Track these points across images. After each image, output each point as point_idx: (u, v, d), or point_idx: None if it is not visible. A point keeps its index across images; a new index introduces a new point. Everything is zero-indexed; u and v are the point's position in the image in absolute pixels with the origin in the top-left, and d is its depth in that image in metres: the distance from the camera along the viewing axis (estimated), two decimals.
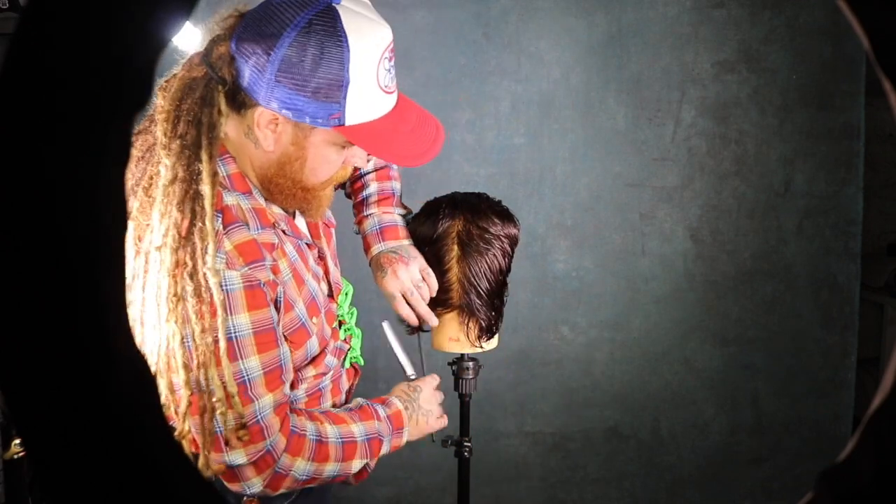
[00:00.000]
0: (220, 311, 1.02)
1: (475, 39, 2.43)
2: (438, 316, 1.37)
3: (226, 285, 1.03)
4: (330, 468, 1.19)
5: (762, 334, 2.61)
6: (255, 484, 1.11)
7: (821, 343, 2.63)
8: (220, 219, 1.05)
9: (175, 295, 0.99)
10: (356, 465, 1.23)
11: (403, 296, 1.31)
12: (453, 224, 1.33)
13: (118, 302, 0.34)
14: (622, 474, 2.64)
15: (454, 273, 1.34)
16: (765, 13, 2.48)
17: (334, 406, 1.32)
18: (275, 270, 1.10)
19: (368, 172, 1.44)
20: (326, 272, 1.30)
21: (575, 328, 2.57)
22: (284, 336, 1.14)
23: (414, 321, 1.34)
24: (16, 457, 1.89)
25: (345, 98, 1.04)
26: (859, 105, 2.53)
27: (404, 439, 1.31)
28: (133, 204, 1.05)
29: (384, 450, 1.28)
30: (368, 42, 1.03)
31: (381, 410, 1.28)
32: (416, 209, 1.42)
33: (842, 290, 2.61)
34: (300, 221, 1.26)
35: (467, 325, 1.36)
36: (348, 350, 1.37)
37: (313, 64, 1.01)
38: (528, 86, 2.47)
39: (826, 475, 0.34)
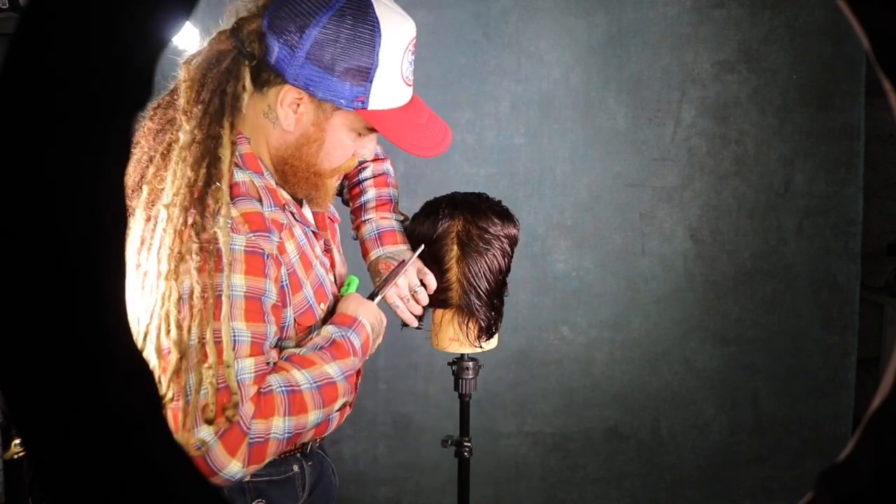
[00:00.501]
0: (225, 271, 1.00)
1: (475, 39, 2.43)
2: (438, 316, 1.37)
3: (230, 245, 1.02)
4: (312, 417, 1.10)
5: (762, 334, 2.61)
6: (233, 468, 1.00)
7: (821, 343, 2.63)
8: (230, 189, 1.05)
9: (179, 253, 0.97)
10: (338, 405, 1.16)
11: (402, 299, 1.31)
12: (453, 224, 1.33)
13: (118, 302, 0.34)
14: (622, 474, 2.64)
15: (454, 273, 1.34)
16: (765, 13, 2.48)
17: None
18: (281, 250, 1.10)
19: (366, 179, 1.44)
20: (333, 264, 1.30)
21: (575, 328, 2.57)
22: (294, 317, 1.13)
23: (414, 323, 1.35)
24: (16, 457, 1.89)
25: (371, 82, 1.06)
26: (859, 105, 2.53)
27: (373, 347, 1.26)
28: (149, 170, 1.05)
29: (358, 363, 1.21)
30: (398, 31, 1.07)
31: (354, 340, 1.19)
32: (416, 209, 1.42)
33: (842, 290, 2.61)
34: (306, 210, 1.26)
35: (467, 325, 1.36)
36: None
37: (346, 45, 1.04)
38: (528, 86, 2.46)
39: (826, 475, 0.34)
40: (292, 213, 1.17)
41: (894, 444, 0.31)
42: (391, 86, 1.09)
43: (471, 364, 1.46)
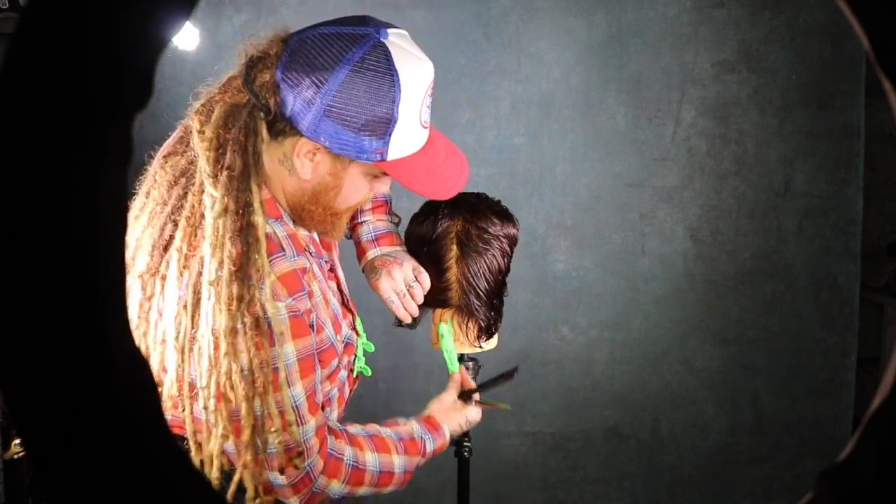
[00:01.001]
0: (277, 342, 1.03)
1: (475, 39, 2.43)
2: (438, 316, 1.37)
3: (277, 316, 1.04)
4: (363, 490, 1.23)
5: (762, 334, 2.61)
6: (292, 502, 1.15)
7: (821, 343, 2.63)
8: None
9: (233, 329, 0.99)
10: (390, 489, 1.27)
11: (397, 295, 1.32)
12: (452, 224, 1.33)
13: (118, 302, 0.34)
14: (622, 474, 2.64)
15: (453, 273, 1.34)
16: (765, 13, 2.48)
17: (340, 414, 1.33)
18: (310, 295, 1.11)
19: None
20: (338, 282, 1.31)
21: (575, 328, 2.57)
22: (317, 355, 1.15)
23: (407, 319, 1.35)
24: (16, 457, 1.89)
25: (390, 135, 1.05)
26: (859, 105, 2.52)
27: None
28: (176, 234, 1.05)
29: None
30: (416, 80, 1.05)
31: (428, 445, 1.30)
32: (416, 209, 1.42)
33: (842, 290, 2.61)
34: (316, 234, 1.27)
35: (466, 324, 1.36)
36: (355, 360, 1.37)
37: (366, 101, 1.01)
38: (528, 86, 2.46)
39: (826, 475, 0.34)
40: (310, 252, 1.17)
41: (894, 444, 0.31)
42: (410, 135, 1.08)
43: (471, 364, 1.45)
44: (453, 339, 1.38)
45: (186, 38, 2.21)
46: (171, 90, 2.08)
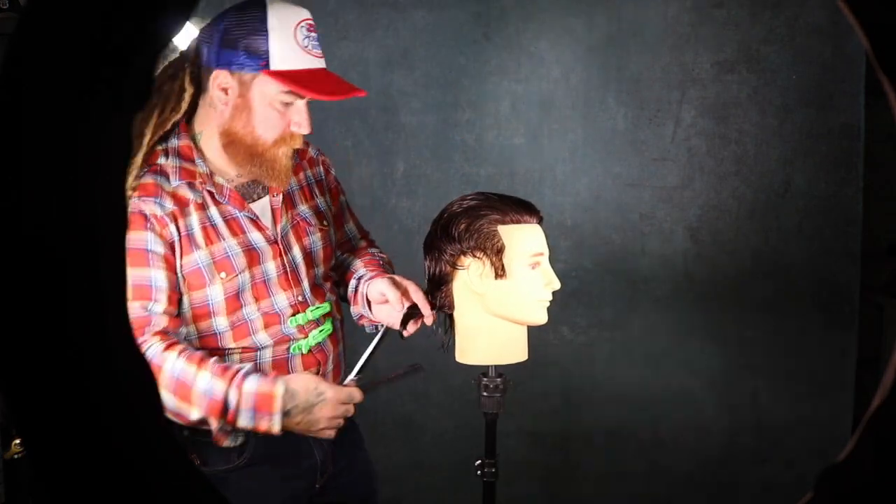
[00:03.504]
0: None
1: (475, 39, 2.43)
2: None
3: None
4: (164, 394, 1.27)
5: (762, 334, 2.61)
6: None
7: (821, 343, 2.63)
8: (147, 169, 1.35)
9: None
10: (192, 412, 1.27)
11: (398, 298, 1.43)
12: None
13: (118, 303, 0.34)
14: (622, 474, 2.64)
15: None
16: (765, 13, 2.48)
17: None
18: (176, 216, 1.33)
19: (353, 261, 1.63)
20: (280, 254, 1.43)
21: (575, 328, 2.57)
22: (182, 275, 1.33)
23: (429, 311, 1.42)
24: (16, 457, 1.89)
25: (268, 51, 1.32)
26: (859, 105, 2.52)
27: (269, 426, 1.27)
28: None
29: (241, 421, 1.26)
30: (286, 13, 1.34)
31: (248, 383, 1.27)
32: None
33: (842, 290, 2.61)
34: (259, 206, 1.43)
35: None
36: (302, 339, 1.44)
37: (244, 27, 1.32)
38: (528, 86, 2.47)
39: (826, 475, 0.34)
40: (210, 192, 1.38)
41: (894, 444, 0.31)
42: (288, 51, 1.33)
43: (499, 379, 1.39)
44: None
45: (186, 38, 2.21)
46: None
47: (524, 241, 1.34)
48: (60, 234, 0.31)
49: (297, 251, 1.46)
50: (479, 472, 1.39)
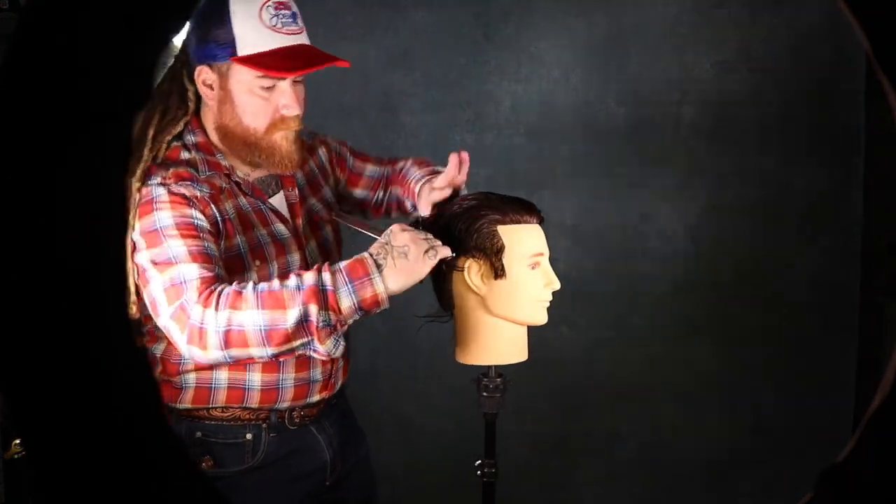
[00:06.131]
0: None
1: (475, 39, 2.43)
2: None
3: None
4: (252, 317, 1.18)
5: (762, 334, 2.61)
6: (180, 341, 1.19)
7: (821, 343, 2.63)
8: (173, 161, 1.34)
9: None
10: (289, 314, 1.16)
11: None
12: None
13: (118, 303, 0.34)
14: (622, 474, 2.64)
15: None
16: (765, 13, 2.48)
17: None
18: (215, 200, 1.32)
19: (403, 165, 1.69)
20: (300, 247, 1.43)
21: (575, 328, 2.57)
22: (221, 259, 1.29)
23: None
24: (16, 457, 1.89)
25: (234, 41, 1.30)
26: (859, 105, 2.52)
27: (375, 291, 1.19)
28: None
29: (344, 300, 1.18)
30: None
31: (332, 266, 1.21)
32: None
33: (842, 290, 2.61)
34: (276, 201, 1.44)
35: None
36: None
37: (209, 18, 1.32)
38: (528, 86, 2.47)
39: (826, 475, 0.34)
40: (238, 183, 1.38)
41: (894, 444, 0.31)
42: (253, 33, 1.30)
43: (499, 380, 1.39)
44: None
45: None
46: None
47: (524, 241, 1.34)
48: (60, 234, 0.31)
49: (313, 244, 1.48)
50: (478, 472, 1.39)
